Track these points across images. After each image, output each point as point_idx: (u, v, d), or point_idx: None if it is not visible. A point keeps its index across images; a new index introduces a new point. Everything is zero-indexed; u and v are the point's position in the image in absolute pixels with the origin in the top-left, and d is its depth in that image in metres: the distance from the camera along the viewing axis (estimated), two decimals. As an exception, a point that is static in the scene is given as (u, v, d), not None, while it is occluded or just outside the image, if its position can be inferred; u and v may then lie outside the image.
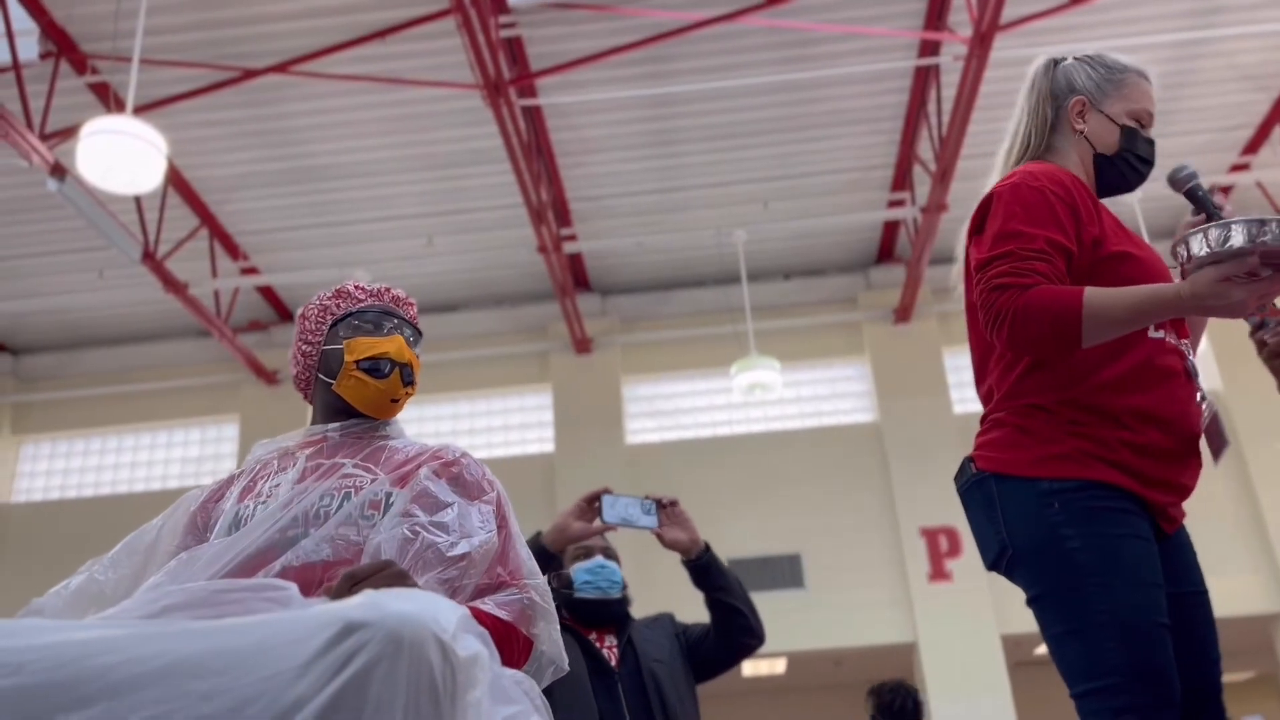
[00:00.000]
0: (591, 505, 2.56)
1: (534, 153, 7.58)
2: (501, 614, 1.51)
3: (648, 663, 2.62)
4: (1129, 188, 1.94)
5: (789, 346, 9.33)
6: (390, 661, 1.01)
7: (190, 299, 8.18)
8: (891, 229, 9.31)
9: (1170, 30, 7.06)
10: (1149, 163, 1.91)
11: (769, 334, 9.26)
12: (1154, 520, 1.73)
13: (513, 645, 1.51)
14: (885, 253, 9.67)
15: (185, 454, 10.10)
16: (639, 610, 2.90)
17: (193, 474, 9.97)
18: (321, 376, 1.74)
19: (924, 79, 7.48)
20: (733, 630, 2.76)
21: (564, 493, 9.09)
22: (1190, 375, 1.80)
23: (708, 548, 2.75)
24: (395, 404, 1.72)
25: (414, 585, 1.35)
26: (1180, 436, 1.74)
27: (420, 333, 1.81)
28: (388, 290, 1.80)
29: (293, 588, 1.24)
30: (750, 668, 9.92)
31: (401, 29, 6.69)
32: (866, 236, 9.43)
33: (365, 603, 1.06)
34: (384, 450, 1.69)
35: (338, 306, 1.76)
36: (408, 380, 1.72)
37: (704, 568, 2.75)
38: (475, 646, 1.13)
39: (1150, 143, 1.91)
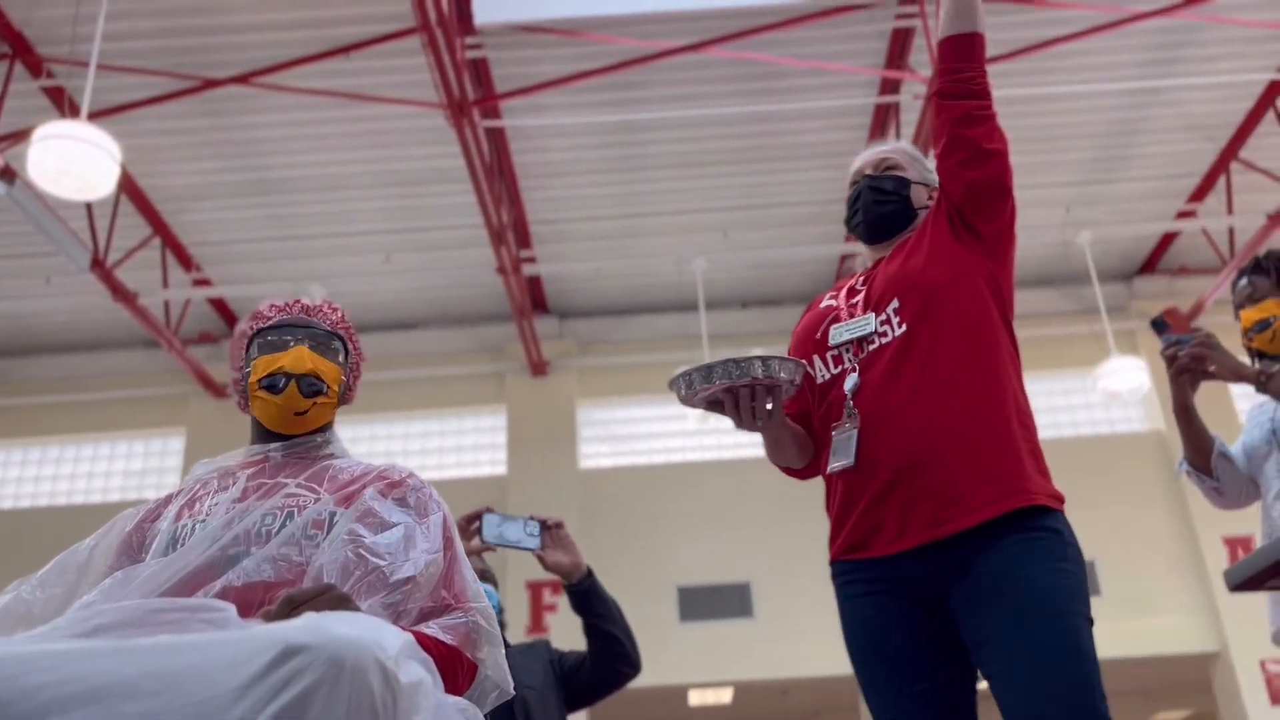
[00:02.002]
0: (471, 525, 2.51)
1: (496, 174, 7.58)
2: (446, 638, 1.49)
3: (519, 689, 2.57)
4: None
5: (745, 375, 9.36)
6: (331, 686, 0.99)
7: (139, 308, 8.04)
8: (848, 262, 9.41)
9: (1124, 79, 7.25)
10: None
11: (725, 362, 9.29)
12: None
13: (457, 669, 1.49)
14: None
15: (128, 466, 9.88)
16: None
17: (135, 487, 9.75)
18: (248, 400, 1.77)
19: (884, 116, 7.60)
20: (610, 659, 2.69)
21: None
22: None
23: (590, 572, 2.70)
24: (301, 417, 1.70)
25: (356, 609, 1.33)
26: None
27: (341, 337, 1.80)
28: (297, 303, 1.81)
29: (230, 609, 1.21)
30: (697, 697, 9.88)
31: (367, 45, 6.67)
32: (824, 269, 9.52)
33: (306, 625, 1.04)
34: (328, 470, 1.67)
35: (251, 329, 1.78)
36: (309, 391, 1.70)
37: (584, 593, 2.68)
38: (418, 673, 1.11)
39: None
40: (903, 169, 2.09)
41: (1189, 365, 2.48)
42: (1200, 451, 2.70)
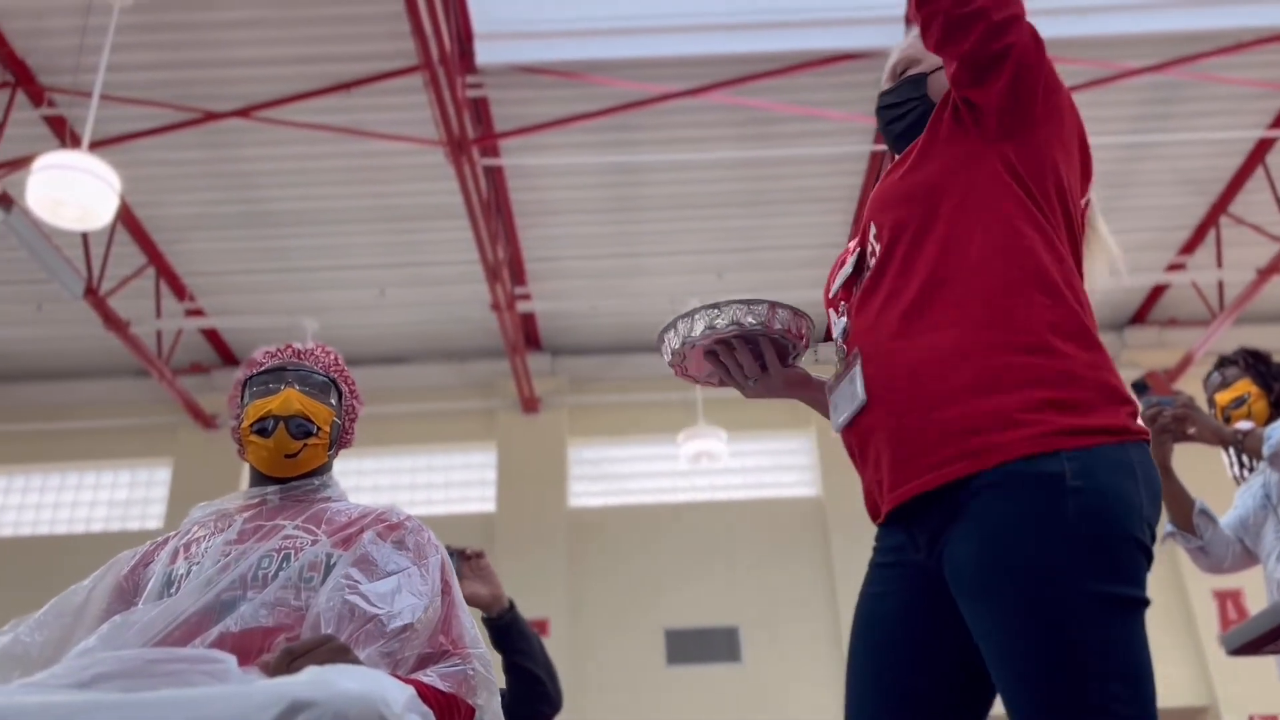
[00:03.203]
0: None
1: (493, 211, 7.61)
2: (443, 686, 1.48)
3: None
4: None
5: (736, 417, 9.36)
6: (335, 743, 0.98)
7: (131, 337, 8.00)
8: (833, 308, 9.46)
9: (1118, 132, 7.34)
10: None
11: (717, 403, 9.29)
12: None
13: (455, 717, 1.48)
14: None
15: (114, 496, 9.79)
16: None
17: (119, 518, 9.65)
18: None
19: (879, 163, 7.67)
20: (530, 698, 2.54)
21: (504, 553, 8.96)
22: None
23: (511, 605, 2.59)
24: (292, 459, 1.72)
25: (355, 659, 1.32)
26: None
27: (333, 380, 1.81)
28: (288, 347, 1.83)
29: (231, 660, 1.20)
30: (683, 741, 9.76)
31: (368, 82, 6.72)
32: (817, 313, 9.52)
33: (312, 681, 1.03)
34: (325, 512, 1.66)
35: (245, 376, 1.81)
36: (299, 433, 1.71)
37: (504, 628, 2.55)
38: (421, 728, 1.10)
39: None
40: (918, 61, 1.75)
41: (1170, 426, 2.58)
42: (1181, 511, 2.83)
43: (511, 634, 2.54)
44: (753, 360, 1.60)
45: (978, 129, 1.52)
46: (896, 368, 1.43)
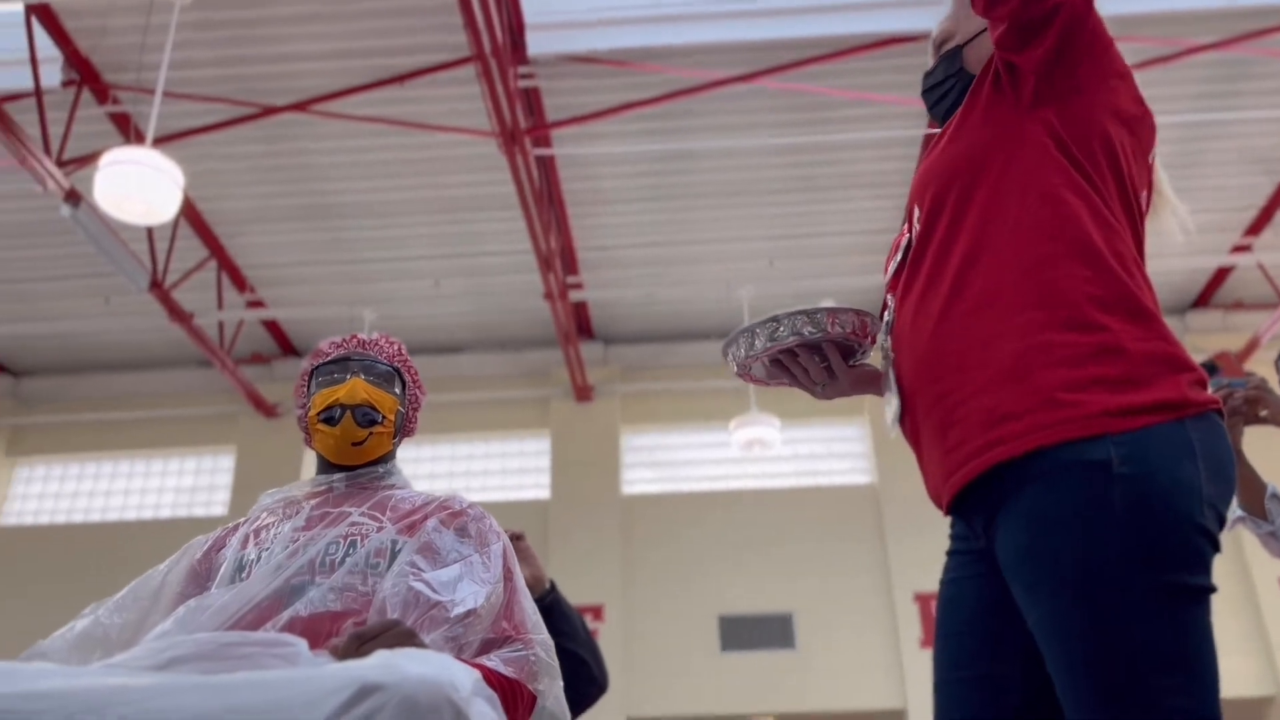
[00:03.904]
0: None
1: (545, 201, 7.65)
2: (506, 670, 1.50)
3: None
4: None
5: (790, 404, 9.32)
6: (404, 725, 1.01)
7: (194, 329, 8.20)
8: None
9: (1182, 111, 7.16)
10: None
11: (769, 391, 9.24)
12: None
13: (517, 702, 1.50)
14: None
15: (179, 483, 10.05)
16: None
17: (185, 504, 9.91)
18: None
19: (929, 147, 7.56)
20: (574, 679, 2.58)
21: (558, 540, 9.04)
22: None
23: (553, 587, 2.57)
24: (359, 447, 1.75)
25: (421, 644, 1.35)
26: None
27: (397, 369, 1.84)
28: (354, 338, 1.86)
29: (302, 644, 1.24)
30: (737, 728, 9.78)
31: (422, 74, 6.78)
32: (872, 298, 9.45)
33: (381, 664, 1.06)
34: (390, 499, 1.70)
35: (310, 366, 1.85)
36: (365, 421, 1.74)
37: (546, 609, 2.48)
38: (487, 711, 1.13)
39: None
40: (953, 35, 1.67)
41: (1241, 409, 2.46)
42: (1251, 495, 2.71)
43: (554, 615, 2.55)
44: (818, 365, 1.57)
45: (1016, 95, 1.45)
46: (935, 360, 1.39)
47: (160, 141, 6.52)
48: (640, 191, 8.01)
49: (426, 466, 9.85)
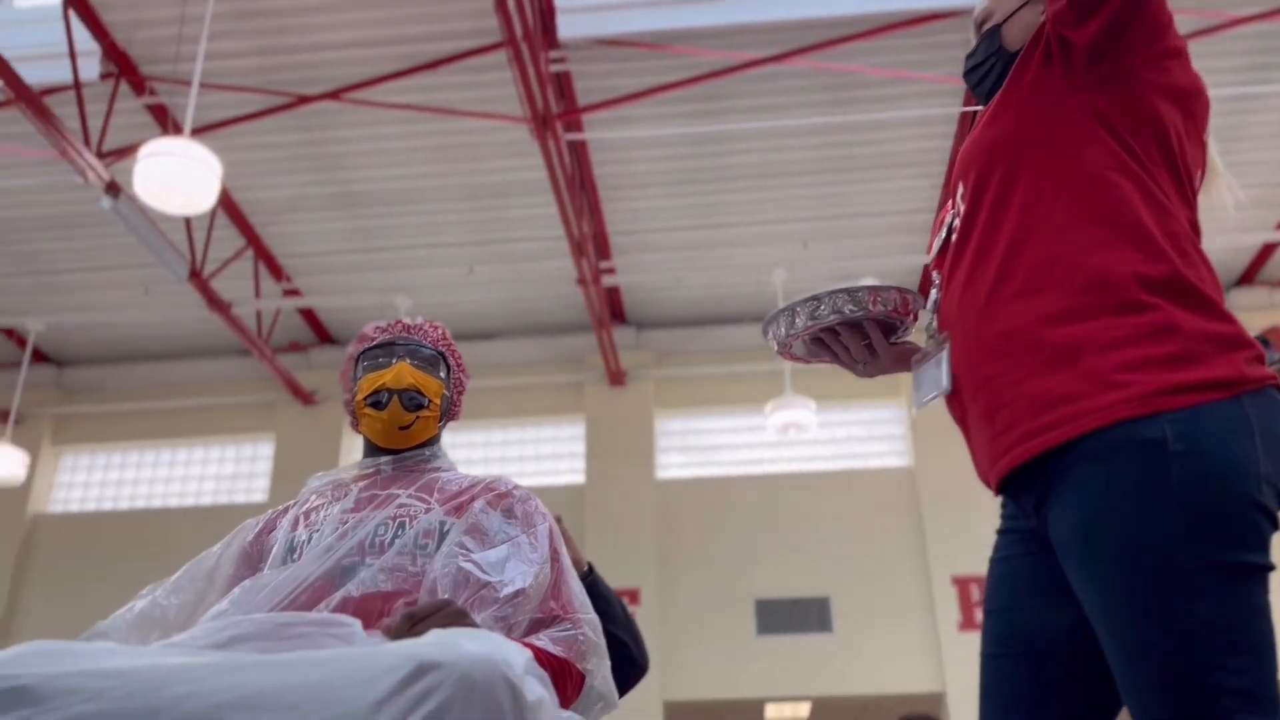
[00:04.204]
0: None
1: (577, 186, 7.64)
2: (555, 650, 1.51)
3: None
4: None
5: (825, 387, 9.29)
6: (463, 703, 1.02)
7: (233, 318, 8.29)
8: (930, 273, 9.28)
9: (1225, 84, 7.02)
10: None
11: (805, 374, 9.23)
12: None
13: (566, 681, 1.51)
14: (924, 296, 9.64)
15: (220, 471, 10.19)
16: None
17: (226, 491, 10.05)
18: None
19: (968, 124, 7.47)
20: (616, 661, 2.58)
21: (593, 525, 9.07)
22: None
23: (591, 569, 2.65)
24: (406, 431, 1.76)
25: (473, 623, 1.36)
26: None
27: (442, 354, 1.85)
28: (399, 323, 1.87)
29: (356, 624, 1.25)
30: (774, 711, 9.79)
31: (453, 60, 6.79)
32: (907, 280, 9.39)
33: (437, 643, 1.07)
34: (437, 481, 1.71)
35: (356, 351, 1.85)
36: (412, 405, 1.76)
37: (585, 591, 2.60)
38: (539, 690, 1.13)
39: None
40: (993, 12, 1.63)
41: None
42: None
43: (593, 597, 2.53)
44: (859, 343, 1.55)
45: (1067, 71, 1.41)
46: (982, 343, 1.38)
47: (197, 132, 6.58)
48: (672, 175, 7.98)
49: (462, 453, 9.91)
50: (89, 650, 1.10)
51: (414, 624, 1.30)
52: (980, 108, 1.64)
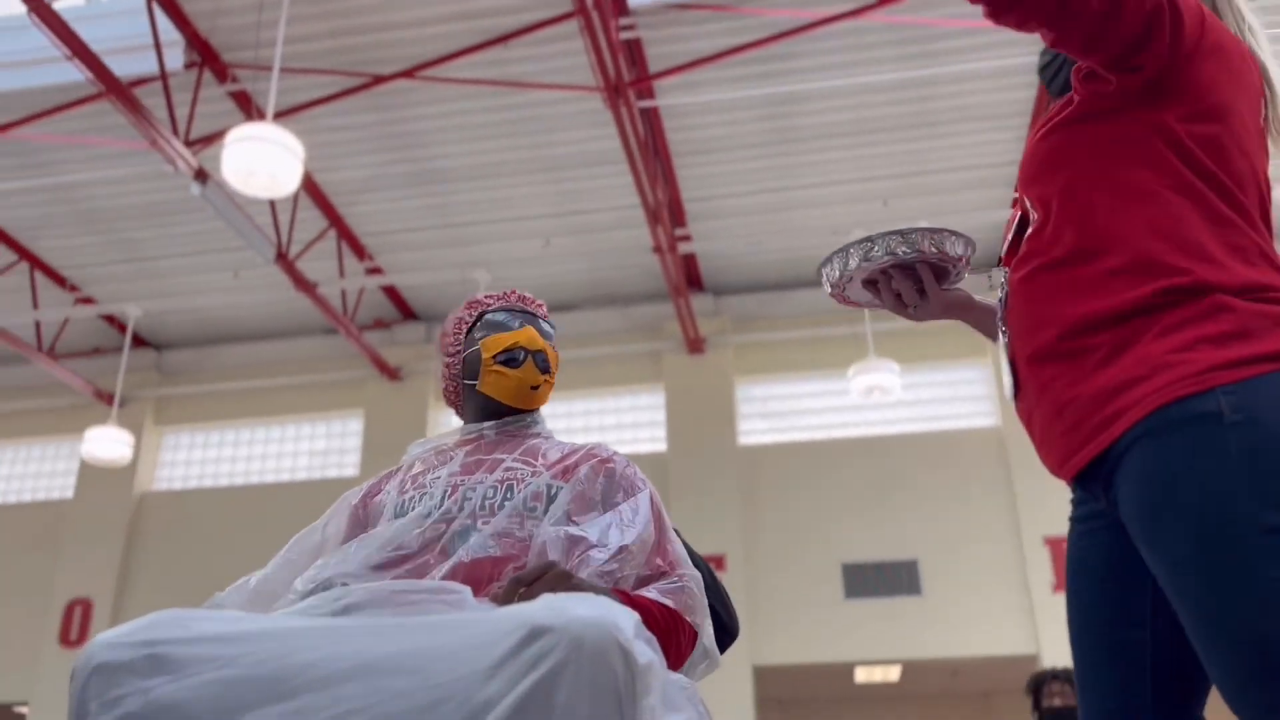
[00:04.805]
0: None
1: (651, 153, 7.62)
2: (667, 601, 1.52)
3: None
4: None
5: (909, 348, 9.16)
6: (575, 666, 1.04)
7: (319, 298, 8.49)
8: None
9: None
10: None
11: (888, 335, 9.11)
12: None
13: (679, 634, 1.52)
14: (1011, 251, 9.42)
15: (313, 447, 10.48)
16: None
17: (319, 466, 10.34)
18: (466, 382, 1.81)
19: (1045, 97, 7.23)
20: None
21: (676, 493, 9.12)
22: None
23: (677, 535, 2.62)
24: (535, 391, 1.78)
25: (580, 585, 1.38)
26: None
27: (554, 327, 1.89)
28: (514, 292, 1.90)
29: (466, 591, 1.28)
30: (864, 674, 9.78)
31: (524, 33, 6.80)
32: (991, 236, 9.15)
33: (549, 607, 1.08)
34: (540, 446, 1.73)
35: (470, 314, 1.85)
36: (543, 368, 1.78)
37: None
38: (647, 652, 1.14)
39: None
40: None
41: None
42: None
43: None
44: (911, 287, 1.59)
45: (1121, 90, 1.40)
46: (1045, 346, 1.40)
47: (278, 116, 6.72)
48: (746, 138, 7.90)
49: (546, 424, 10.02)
50: (218, 618, 1.15)
51: (521, 588, 1.32)
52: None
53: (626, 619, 1.11)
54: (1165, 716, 1.41)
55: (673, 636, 1.46)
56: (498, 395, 1.77)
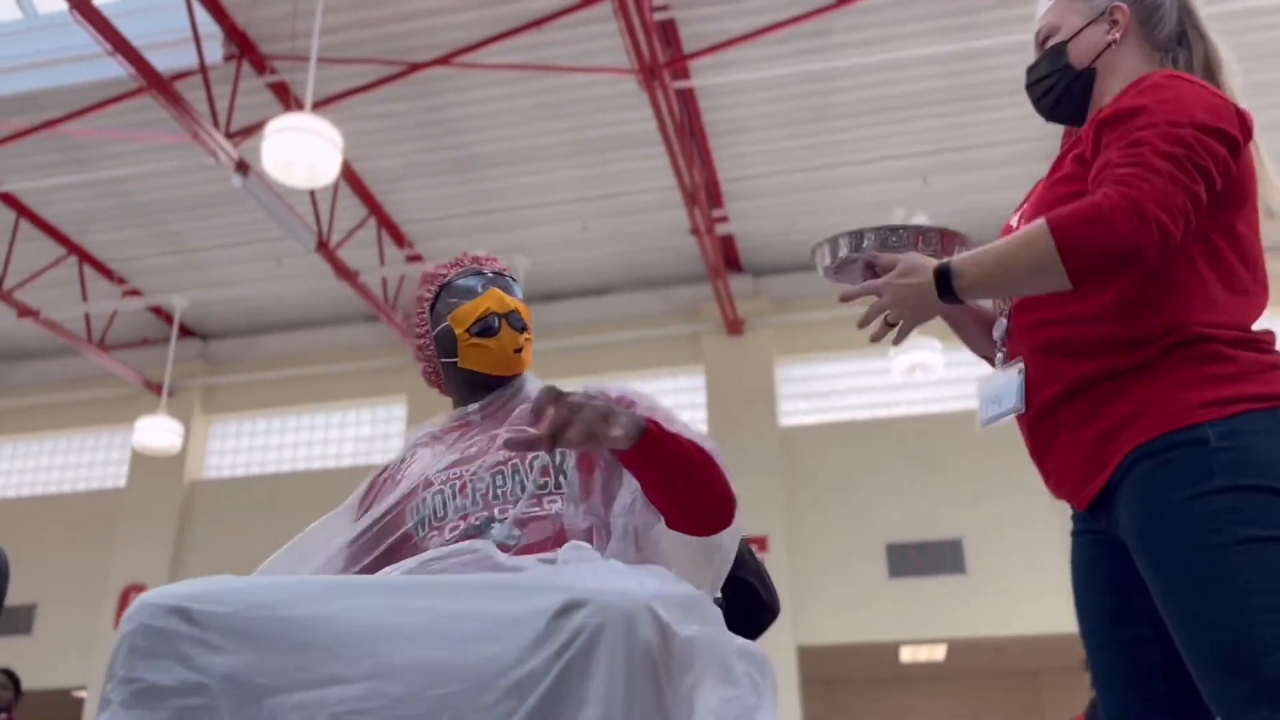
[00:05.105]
0: None
1: (687, 134, 7.58)
2: (707, 446, 1.54)
3: None
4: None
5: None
6: (611, 638, 1.04)
7: (360, 286, 8.57)
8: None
9: None
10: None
11: (928, 313, 9.00)
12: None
13: (715, 470, 1.54)
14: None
15: (358, 433, 10.62)
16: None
17: (364, 452, 10.46)
18: (444, 361, 1.70)
19: (1097, 42, 7.09)
20: (748, 605, 2.50)
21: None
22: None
23: None
24: (519, 355, 1.68)
25: (619, 421, 1.36)
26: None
27: (515, 280, 1.75)
28: (467, 255, 1.77)
29: (488, 545, 1.29)
30: (909, 653, 9.74)
31: (557, 16, 6.79)
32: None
33: (582, 580, 1.09)
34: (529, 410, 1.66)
35: (428, 291, 1.73)
36: (519, 327, 1.67)
37: None
38: (692, 627, 1.14)
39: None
40: (1058, 28, 1.67)
41: None
42: None
43: None
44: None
45: None
46: (1054, 399, 1.51)
47: (317, 106, 6.78)
48: (782, 117, 7.84)
49: (585, 407, 10.04)
50: (260, 583, 1.17)
51: (558, 399, 1.31)
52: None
53: (670, 587, 1.12)
54: (1184, 711, 1.49)
55: (711, 469, 1.45)
56: (483, 368, 1.66)
